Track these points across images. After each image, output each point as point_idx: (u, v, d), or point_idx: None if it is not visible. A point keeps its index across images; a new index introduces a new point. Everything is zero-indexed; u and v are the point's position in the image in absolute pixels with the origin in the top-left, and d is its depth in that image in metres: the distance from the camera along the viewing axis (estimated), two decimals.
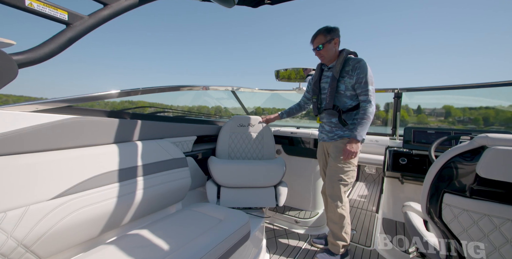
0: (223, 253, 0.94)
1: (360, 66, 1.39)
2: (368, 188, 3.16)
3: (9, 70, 0.71)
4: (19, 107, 0.86)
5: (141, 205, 1.14)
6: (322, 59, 1.53)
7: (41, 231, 0.79)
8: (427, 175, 0.88)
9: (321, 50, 1.47)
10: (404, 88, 2.15)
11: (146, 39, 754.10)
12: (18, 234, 0.74)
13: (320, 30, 1.46)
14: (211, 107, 2.88)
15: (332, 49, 1.47)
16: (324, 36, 1.44)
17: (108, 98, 1.21)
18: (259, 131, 1.93)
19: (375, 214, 2.34)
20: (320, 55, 1.51)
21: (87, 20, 0.84)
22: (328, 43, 1.44)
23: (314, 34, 1.48)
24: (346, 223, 1.53)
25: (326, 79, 1.56)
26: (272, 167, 1.65)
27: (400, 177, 1.81)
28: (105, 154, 1.07)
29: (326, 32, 1.44)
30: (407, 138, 1.89)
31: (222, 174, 1.61)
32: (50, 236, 0.81)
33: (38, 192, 0.81)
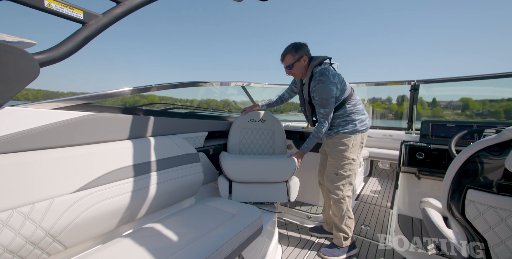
0: (236, 247, 0.96)
1: (316, 90, 1.45)
2: (381, 183, 3.11)
3: (31, 69, 0.74)
4: (42, 105, 0.90)
5: (155, 199, 1.18)
6: (294, 76, 1.59)
7: (65, 222, 0.84)
8: (448, 170, 0.85)
9: (292, 69, 1.52)
10: (421, 79, 2.08)
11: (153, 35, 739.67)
12: (46, 224, 0.79)
13: (288, 49, 1.49)
14: (220, 101, 2.91)
15: (302, 66, 1.51)
16: (293, 56, 1.48)
17: (123, 95, 1.25)
18: (270, 126, 1.93)
19: (389, 210, 2.31)
20: (292, 73, 1.56)
21: (102, 19, 0.87)
22: (297, 62, 1.49)
23: (283, 53, 1.51)
24: (346, 216, 1.56)
25: (302, 93, 1.66)
26: (284, 163, 1.65)
27: (416, 172, 1.77)
28: (121, 149, 1.11)
29: (294, 51, 1.48)
30: (425, 132, 1.83)
31: (234, 169, 1.64)
32: (74, 227, 0.86)
33: (62, 185, 0.86)
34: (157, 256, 0.81)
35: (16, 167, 0.77)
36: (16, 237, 0.72)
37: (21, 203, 0.75)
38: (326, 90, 1.43)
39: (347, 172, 1.54)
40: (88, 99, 1.05)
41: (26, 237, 0.74)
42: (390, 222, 2.04)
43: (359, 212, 2.28)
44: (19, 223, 0.74)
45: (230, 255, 0.92)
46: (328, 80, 1.42)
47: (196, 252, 0.82)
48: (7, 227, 0.71)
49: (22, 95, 1.00)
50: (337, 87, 1.46)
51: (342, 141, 1.54)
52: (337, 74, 1.50)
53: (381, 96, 3.70)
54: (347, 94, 1.53)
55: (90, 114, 1.03)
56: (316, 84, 1.44)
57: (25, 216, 0.75)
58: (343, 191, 1.55)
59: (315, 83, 1.45)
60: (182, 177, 1.35)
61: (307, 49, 1.50)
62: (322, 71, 1.45)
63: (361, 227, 1.97)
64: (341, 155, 1.54)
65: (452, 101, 3.37)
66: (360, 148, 1.59)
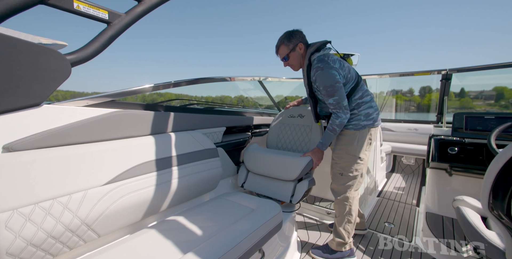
0: (256, 242, 0.97)
1: (317, 78, 1.30)
2: (405, 179, 2.98)
3: (64, 69, 0.80)
4: (74, 103, 0.97)
5: (177, 193, 1.23)
6: (293, 68, 1.45)
7: (98, 212, 0.90)
8: (490, 166, 0.79)
9: (288, 60, 1.40)
10: (454, 68, 1.93)
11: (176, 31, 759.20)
12: (81, 214, 0.86)
13: (281, 39, 1.37)
14: (234, 97, 2.91)
15: (299, 55, 1.39)
16: (287, 46, 1.36)
17: (144, 92, 1.30)
18: (308, 123, 1.83)
19: (415, 207, 2.22)
20: (289, 65, 1.43)
21: (124, 18, 0.90)
22: (292, 51, 1.37)
23: (276, 45, 1.40)
24: (346, 218, 1.44)
25: (306, 84, 1.49)
26: (293, 161, 1.54)
27: (448, 168, 1.67)
28: (144, 145, 1.16)
29: (287, 41, 1.35)
30: (458, 125, 1.72)
31: (251, 160, 1.72)
32: (105, 217, 0.93)
33: (94, 178, 0.92)
34: (181, 248, 0.85)
35: (56, 161, 0.84)
36: (57, 225, 0.79)
37: (60, 193, 0.82)
38: (328, 76, 1.27)
39: (353, 172, 1.41)
40: (114, 97, 1.11)
41: (66, 224, 0.81)
42: (416, 220, 1.96)
43: (381, 209, 2.22)
44: (59, 212, 0.81)
45: (251, 249, 0.94)
46: (327, 65, 1.28)
47: (218, 246, 0.84)
48: (50, 215, 0.78)
49: (53, 96, 1.08)
50: (339, 73, 1.29)
51: (346, 138, 1.42)
52: (338, 60, 1.35)
53: (402, 88, 3.50)
54: (352, 84, 1.38)
55: (116, 110, 1.09)
56: (315, 72, 1.30)
57: (63, 206, 0.82)
58: (347, 192, 1.43)
59: (314, 71, 1.31)
60: (202, 172, 1.39)
61: (301, 35, 1.37)
62: (320, 57, 1.32)
63: (384, 224, 1.91)
64: (346, 154, 1.42)
65: (483, 90, 3.11)
66: (368, 145, 1.44)
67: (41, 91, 0.78)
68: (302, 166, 1.49)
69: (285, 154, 1.68)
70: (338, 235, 1.48)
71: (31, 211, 0.75)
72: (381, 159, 2.83)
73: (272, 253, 1.26)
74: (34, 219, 0.75)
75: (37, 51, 0.72)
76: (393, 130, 3.28)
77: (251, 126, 2.10)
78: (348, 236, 1.47)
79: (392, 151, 3.08)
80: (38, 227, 0.76)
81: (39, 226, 0.76)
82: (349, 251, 1.49)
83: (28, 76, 0.72)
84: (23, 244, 0.72)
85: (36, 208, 0.76)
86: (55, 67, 0.77)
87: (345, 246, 1.47)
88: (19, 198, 0.73)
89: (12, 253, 0.71)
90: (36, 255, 0.76)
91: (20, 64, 0.69)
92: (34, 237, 0.75)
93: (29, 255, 0.75)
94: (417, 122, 2.65)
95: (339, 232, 1.48)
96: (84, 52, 0.84)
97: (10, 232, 0.70)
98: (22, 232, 0.72)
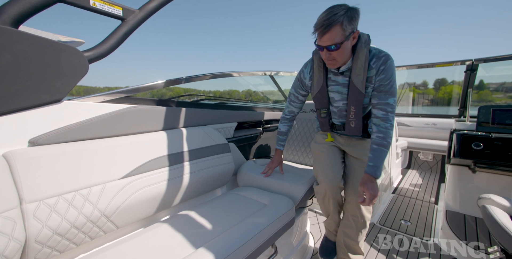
0: (269, 237, 0.99)
1: (386, 70, 1.00)
2: (422, 176, 2.91)
3: (82, 65, 0.83)
4: (91, 99, 1.01)
5: (189, 188, 1.26)
6: (333, 63, 1.02)
7: (116, 204, 0.95)
8: None
9: (338, 49, 0.95)
10: (480, 58, 1.82)
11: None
12: (101, 206, 0.90)
13: (338, 17, 0.89)
14: (241, 91, 2.90)
15: (349, 48, 1.00)
16: (343, 30, 0.92)
17: (157, 88, 1.33)
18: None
19: (433, 205, 2.17)
20: (331, 58, 0.99)
21: (138, 14, 0.92)
22: (346, 40, 0.95)
23: (327, 22, 0.90)
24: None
25: (336, 87, 1.14)
26: (291, 186, 1.35)
27: (471, 164, 1.61)
28: (157, 140, 1.19)
29: (347, 21, 0.91)
30: (483, 119, 1.64)
31: (243, 180, 1.58)
32: (122, 210, 0.97)
33: (111, 172, 0.97)
34: (194, 242, 0.87)
35: (76, 155, 0.89)
36: (79, 216, 0.84)
37: (81, 186, 0.87)
38: (394, 70, 1.03)
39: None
40: (128, 93, 1.15)
41: (87, 216, 0.86)
42: (435, 218, 1.92)
43: (397, 206, 2.18)
44: (81, 204, 0.85)
45: (264, 244, 0.96)
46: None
47: (230, 241, 0.86)
48: (72, 207, 0.83)
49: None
50: None
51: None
52: None
53: (415, 81, 3.33)
54: None
55: (131, 106, 1.12)
56: (385, 62, 1.00)
57: (84, 198, 0.87)
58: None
59: (380, 62, 1.01)
60: (214, 167, 1.42)
61: (358, 20, 0.97)
62: (383, 56, 1.03)
63: (400, 222, 1.89)
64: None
65: (504, 82, 2.93)
66: None
67: (61, 87, 0.82)
68: (301, 195, 1.31)
69: (281, 179, 1.44)
70: (356, 252, 1.27)
71: (56, 202, 0.80)
72: (396, 155, 2.77)
73: (285, 249, 1.28)
74: (58, 210, 0.80)
75: (58, 48, 0.75)
76: (410, 125, 3.19)
77: (262, 122, 2.11)
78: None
79: (408, 147, 3.01)
80: (62, 218, 0.81)
81: (63, 216, 0.81)
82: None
83: (49, 73, 0.76)
84: (49, 233, 0.78)
85: (60, 200, 0.81)
86: (74, 64, 0.81)
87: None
88: (44, 190, 0.78)
89: (40, 241, 0.76)
90: (61, 244, 0.82)
91: (43, 62, 0.73)
92: (59, 227, 0.80)
93: (55, 244, 0.80)
94: (436, 116, 2.56)
95: (360, 250, 1.27)
96: (101, 49, 0.87)
97: (37, 221, 0.75)
98: (48, 222, 0.77)
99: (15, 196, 0.73)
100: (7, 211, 0.69)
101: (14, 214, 0.71)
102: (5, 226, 0.67)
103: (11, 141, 0.80)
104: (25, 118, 0.82)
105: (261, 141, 2.09)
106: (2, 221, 0.67)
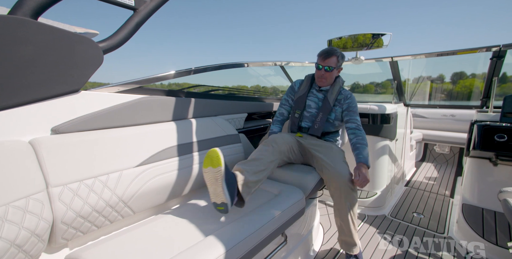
0: (279, 226, 1.01)
1: (352, 98, 1.51)
2: (437, 169, 2.85)
3: (98, 56, 0.86)
4: (107, 89, 1.05)
5: (200, 177, 1.29)
6: (323, 81, 1.50)
7: (132, 191, 1.00)
8: None
9: (331, 72, 1.46)
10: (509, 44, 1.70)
11: None
12: (118, 192, 0.96)
13: (336, 52, 1.46)
14: (250, 87, 2.88)
15: (334, 75, 1.51)
16: (338, 61, 1.46)
17: (168, 79, 1.36)
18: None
19: (448, 198, 2.13)
20: (324, 76, 1.48)
21: (149, 4, 0.93)
22: (336, 69, 1.49)
23: (329, 52, 1.45)
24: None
25: (314, 98, 1.56)
26: (303, 177, 1.36)
27: (493, 157, 1.56)
28: (169, 130, 1.23)
29: (340, 58, 1.47)
30: (509, 109, 1.56)
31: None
32: (138, 196, 1.02)
33: (127, 160, 1.01)
34: (204, 230, 0.90)
35: (95, 143, 0.94)
36: (99, 201, 0.90)
37: (100, 173, 0.92)
38: (356, 101, 1.54)
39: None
40: (141, 83, 1.18)
41: (106, 201, 0.92)
42: (449, 212, 1.90)
43: (409, 199, 2.16)
44: (100, 189, 0.91)
45: (273, 233, 0.98)
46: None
47: (240, 229, 0.88)
48: (93, 192, 0.89)
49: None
50: None
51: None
52: None
53: (430, 74, 3.10)
54: None
55: (144, 96, 1.16)
56: (351, 93, 1.54)
57: (103, 184, 0.92)
58: None
59: (347, 92, 1.54)
60: (225, 157, 1.42)
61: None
62: (348, 91, 1.57)
63: (412, 215, 1.88)
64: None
65: None
66: None
67: (78, 78, 0.86)
68: (311, 186, 1.32)
69: (291, 170, 1.44)
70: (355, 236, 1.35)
71: (78, 187, 0.86)
72: (410, 147, 2.71)
73: (295, 238, 1.31)
74: (80, 194, 0.86)
75: (74, 39, 0.78)
76: (425, 116, 3.09)
77: (272, 113, 2.12)
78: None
79: (423, 139, 2.93)
80: (84, 202, 0.86)
81: (85, 200, 0.86)
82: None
83: (67, 64, 0.80)
84: (73, 215, 0.84)
85: (81, 185, 0.87)
86: (90, 55, 0.84)
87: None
88: (67, 175, 0.84)
89: (66, 222, 0.82)
90: (84, 226, 0.88)
91: (61, 53, 0.76)
92: (82, 210, 0.85)
93: (78, 225, 0.86)
94: (455, 107, 2.46)
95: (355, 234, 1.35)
96: (114, 40, 0.89)
97: (62, 204, 0.81)
98: (72, 205, 0.83)
99: (42, 180, 0.78)
100: (36, 194, 0.75)
101: (42, 196, 0.77)
102: (35, 207, 0.73)
103: (35, 129, 0.86)
104: (47, 108, 0.87)
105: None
106: (32, 203, 0.73)
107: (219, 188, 0.91)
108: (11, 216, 0.68)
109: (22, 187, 0.72)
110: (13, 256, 0.68)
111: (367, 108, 1.96)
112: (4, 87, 0.68)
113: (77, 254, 0.77)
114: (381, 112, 1.95)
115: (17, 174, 0.72)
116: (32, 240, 0.72)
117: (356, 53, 2.06)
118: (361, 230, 1.70)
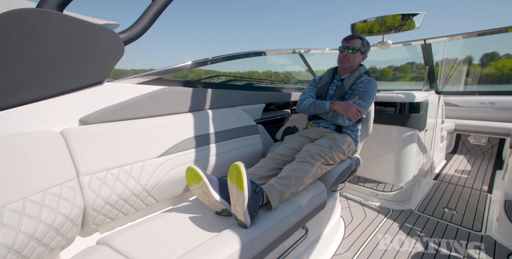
0: (300, 219, 1.01)
1: (369, 83, 1.46)
2: (471, 162, 2.68)
3: (119, 47, 0.88)
4: (128, 80, 1.09)
5: (218, 168, 1.32)
6: (345, 62, 1.50)
7: (155, 181, 1.05)
8: None
9: (355, 53, 1.47)
10: None
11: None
12: (142, 181, 1.01)
13: (361, 36, 1.50)
14: (262, 72, 2.83)
15: (357, 60, 1.51)
16: (362, 44, 1.49)
17: (186, 69, 1.38)
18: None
19: (485, 193, 2.01)
20: (346, 57, 1.48)
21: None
22: (360, 53, 1.50)
23: (353, 35, 1.50)
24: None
25: (334, 88, 1.58)
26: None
27: None
28: (188, 121, 1.26)
29: (365, 43, 1.50)
30: None
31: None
32: (160, 186, 1.07)
33: (149, 150, 1.06)
34: (224, 222, 0.92)
35: (119, 133, 0.98)
36: (125, 190, 0.95)
37: (125, 162, 0.97)
38: (374, 88, 1.48)
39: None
40: (160, 74, 1.21)
41: (131, 190, 0.97)
42: (487, 208, 1.80)
43: (439, 193, 2.07)
44: (125, 179, 0.96)
45: (295, 225, 0.99)
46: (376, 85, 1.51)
47: (262, 221, 0.90)
48: (118, 181, 0.94)
49: None
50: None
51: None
52: None
53: (456, 56, 2.81)
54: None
55: (163, 87, 1.19)
56: (370, 80, 1.49)
57: (128, 174, 0.97)
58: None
59: (365, 78, 1.51)
60: (243, 148, 1.46)
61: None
62: (370, 78, 1.52)
63: (443, 210, 1.80)
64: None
65: None
66: None
67: (102, 69, 0.89)
68: (333, 179, 1.30)
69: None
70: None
71: (105, 176, 0.91)
72: (441, 138, 2.56)
73: (315, 231, 1.31)
74: (107, 183, 0.91)
75: (97, 31, 0.81)
76: (459, 105, 2.89)
77: (290, 103, 2.09)
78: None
79: (456, 129, 2.76)
80: (111, 190, 0.92)
81: (111, 189, 0.92)
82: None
83: (91, 55, 0.83)
84: (102, 202, 0.90)
85: (108, 174, 0.92)
86: (112, 46, 0.87)
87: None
88: (95, 164, 0.89)
89: (96, 209, 0.89)
90: (112, 213, 0.94)
91: (85, 44, 0.79)
92: (109, 198, 0.91)
93: (107, 212, 0.93)
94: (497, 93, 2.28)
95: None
96: (134, 30, 0.91)
97: (92, 192, 0.87)
98: (100, 193, 0.89)
99: (73, 169, 0.84)
100: (68, 182, 0.81)
101: (73, 184, 0.83)
102: (68, 194, 0.80)
103: (65, 120, 0.91)
104: (75, 99, 0.92)
105: (289, 123, 2.08)
106: (66, 190, 0.79)
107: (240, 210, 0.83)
108: (48, 202, 0.74)
109: (56, 174, 0.78)
110: (51, 239, 0.75)
111: (394, 97, 1.87)
112: (36, 80, 0.72)
113: (108, 238, 0.83)
114: (410, 101, 1.85)
115: (51, 163, 0.78)
116: (67, 224, 0.79)
117: (382, 37, 1.95)
118: (385, 224, 1.66)
